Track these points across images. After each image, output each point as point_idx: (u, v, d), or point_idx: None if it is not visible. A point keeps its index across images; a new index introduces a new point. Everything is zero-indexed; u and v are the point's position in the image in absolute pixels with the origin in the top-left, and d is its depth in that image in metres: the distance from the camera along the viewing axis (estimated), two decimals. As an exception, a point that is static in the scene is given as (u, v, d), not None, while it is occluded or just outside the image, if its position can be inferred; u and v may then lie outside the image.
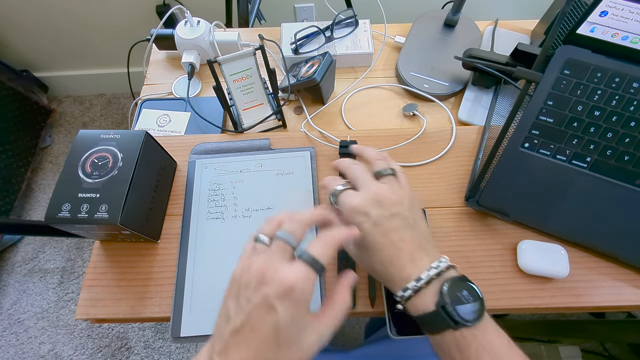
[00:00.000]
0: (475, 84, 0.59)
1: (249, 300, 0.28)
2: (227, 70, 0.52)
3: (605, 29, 0.44)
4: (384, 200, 0.34)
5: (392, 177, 0.37)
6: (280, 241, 0.31)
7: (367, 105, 0.61)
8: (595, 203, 0.44)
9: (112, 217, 0.39)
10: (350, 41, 0.64)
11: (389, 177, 0.37)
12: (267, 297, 0.27)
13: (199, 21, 0.64)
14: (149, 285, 0.45)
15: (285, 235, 0.31)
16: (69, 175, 0.41)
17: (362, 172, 0.37)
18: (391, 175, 0.37)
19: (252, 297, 0.28)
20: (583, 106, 0.44)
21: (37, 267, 1.26)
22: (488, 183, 0.47)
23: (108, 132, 0.43)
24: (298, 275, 0.28)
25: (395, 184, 0.36)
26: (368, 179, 0.37)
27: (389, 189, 0.35)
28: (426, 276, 0.32)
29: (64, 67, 1.47)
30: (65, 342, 1.14)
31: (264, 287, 0.27)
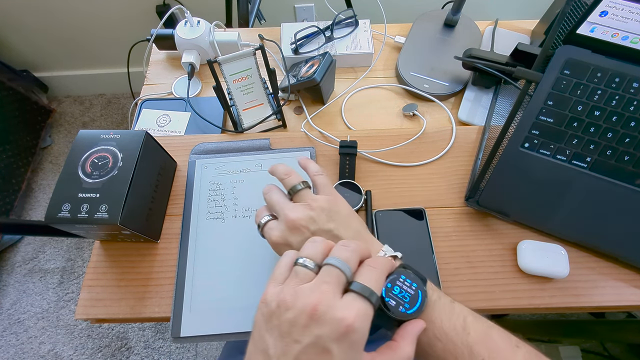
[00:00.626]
0: (475, 84, 0.59)
1: (298, 340, 0.24)
2: (227, 70, 0.52)
3: (605, 29, 0.44)
4: (300, 224, 0.33)
5: (305, 191, 0.36)
6: (334, 269, 0.27)
7: (367, 105, 0.61)
8: (595, 203, 0.44)
9: (112, 217, 0.39)
10: (350, 41, 0.64)
11: (302, 193, 0.36)
12: (321, 339, 0.24)
13: (199, 21, 0.64)
14: (149, 285, 0.45)
15: (341, 264, 0.27)
16: (69, 175, 0.41)
17: (276, 197, 0.36)
18: (304, 189, 0.36)
19: (302, 337, 0.24)
20: (583, 106, 0.44)
21: (37, 267, 1.26)
22: (488, 183, 0.47)
23: (108, 132, 0.43)
24: (357, 313, 0.25)
25: (309, 198, 0.35)
26: (282, 204, 0.35)
27: (303, 209, 0.34)
28: None
29: (64, 67, 1.47)
30: (65, 342, 1.14)
31: (318, 327, 0.24)
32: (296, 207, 0.35)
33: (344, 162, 0.51)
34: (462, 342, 0.29)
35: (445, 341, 0.29)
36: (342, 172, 0.50)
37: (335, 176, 0.51)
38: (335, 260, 0.27)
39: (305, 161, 0.39)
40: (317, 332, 0.24)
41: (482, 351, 0.28)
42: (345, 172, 0.50)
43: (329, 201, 0.35)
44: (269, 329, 0.26)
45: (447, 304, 0.31)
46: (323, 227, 0.33)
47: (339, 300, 0.26)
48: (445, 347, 0.29)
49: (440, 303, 0.31)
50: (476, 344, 0.28)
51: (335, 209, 0.35)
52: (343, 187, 0.49)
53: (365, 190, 0.49)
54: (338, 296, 0.26)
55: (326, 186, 0.37)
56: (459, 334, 0.29)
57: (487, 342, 0.28)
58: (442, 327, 0.29)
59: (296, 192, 0.36)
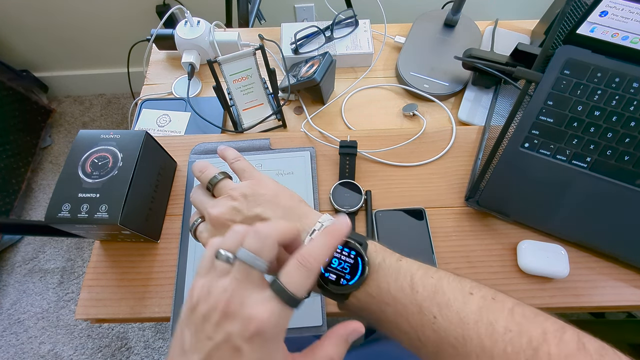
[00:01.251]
0: (475, 84, 0.59)
1: (210, 337, 0.23)
2: (227, 70, 0.52)
3: (605, 29, 0.44)
4: (225, 219, 0.31)
5: (224, 182, 0.34)
6: (241, 265, 0.25)
7: (367, 105, 0.61)
8: (595, 203, 0.44)
9: (112, 217, 0.39)
10: (350, 41, 0.64)
11: (220, 185, 0.34)
12: (231, 337, 0.23)
13: (199, 21, 0.64)
14: (149, 285, 0.45)
15: (250, 257, 0.25)
16: (69, 175, 0.41)
17: (198, 197, 0.35)
18: (221, 180, 0.34)
19: (213, 334, 0.23)
20: (583, 106, 0.44)
21: (37, 267, 1.26)
22: (488, 183, 0.47)
23: (108, 132, 0.43)
24: (271, 314, 0.23)
25: (228, 188, 0.33)
26: (204, 203, 0.33)
27: (224, 202, 0.32)
28: None
29: (64, 67, 1.47)
30: (65, 342, 1.14)
31: (228, 324, 0.23)
32: (217, 202, 0.33)
33: (344, 162, 0.51)
34: (411, 302, 0.27)
35: (394, 305, 0.27)
36: (342, 172, 0.50)
37: (335, 176, 0.51)
38: (243, 253, 0.25)
39: (222, 150, 0.37)
40: (228, 329, 0.23)
41: (432, 307, 0.26)
42: (345, 172, 0.50)
43: (250, 185, 0.33)
44: (188, 323, 0.25)
45: (392, 265, 0.29)
46: (249, 215, 0.31)
47: (254, 296, 0.24)
48: (395, 310, 0.27)
49: (385, 265, 0.29)
50: (425, 301, 0.27)
51: (259, 191, 0.32)
52: (343, 187, 0.49)
53: (365, 190, 0.49)
54: (253, 292, 0.24)
55: (246, 170, 0.35)
56: (407, 294, 0.27)
57: (436, 297, 0.27)
58: (390, 290, 0.28)
59: (215, 186, 0.34)
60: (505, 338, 0.24)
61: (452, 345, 0.25)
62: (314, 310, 0.42)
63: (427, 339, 0.26)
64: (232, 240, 0.26)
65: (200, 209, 0.34)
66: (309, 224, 0.31)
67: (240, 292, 0.24)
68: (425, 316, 0.26)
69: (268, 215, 0.31)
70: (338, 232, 0.28)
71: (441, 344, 0.26)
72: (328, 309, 0.43)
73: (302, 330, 0.41)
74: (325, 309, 0.42)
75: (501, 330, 0.24)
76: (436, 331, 0.26)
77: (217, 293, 0.24)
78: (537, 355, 0.23)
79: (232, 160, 0.36)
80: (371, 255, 0.29)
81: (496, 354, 0.24)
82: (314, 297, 0.43)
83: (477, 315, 0.25)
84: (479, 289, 0.27)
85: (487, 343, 0.24)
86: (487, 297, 0.26)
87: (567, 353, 0.23)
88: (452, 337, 0.25)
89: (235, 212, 0.31)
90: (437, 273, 0.28)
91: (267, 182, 0.34)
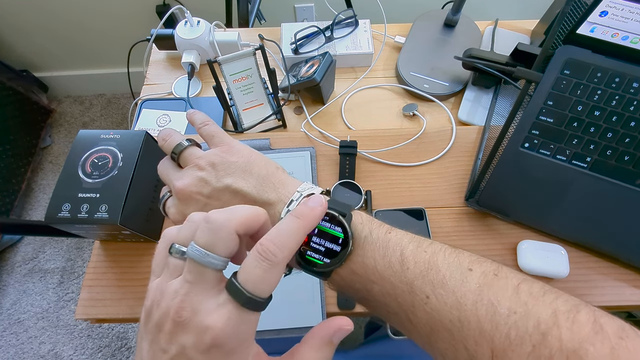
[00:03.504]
0: (475, 84, 0.59)
1: (164, 350, 0.20)
2: (227, 70, 0.52)
3: (605, 29, 0.44)
4: (191, 192, 0.28)
5: (189, 150, 0.30)
6: (193, 264, 0.21)
7: (367, 105, 0.61)
8: (596, 203, 0.44)
9: (112, 217, 0.39)
10: (350, 41, 0.63)
11: (186, 153, 0.30)
12: (185, 350, 0.20)
13: (199, 21, 0.64)
14: (149, 285, 0.45)
15: (199, 254, 0.21)
16: (69, 175, 0.41)
17: (164, 169, 0.31)
18: (187, 148, 0.30)
19: (168, 346, 0.20)
20: (583, 106, 0.44)
21: (37, 267, 1.25)
22: (488, 183, 0.47)
23: (108, 132, 0.43)
24: (227, 321, 0.20)
25: (194, 157, 0.30)
26: (170, 175, 0.30)
27: (190, 172, 0.29)
28: None
29: (64, 67, 1.47)
30: (65, 342, 1.14)
31: (182, 335, 0.20)
32: (183, 172, 0.29)
33: (344, 162, 0.51)
34: (401, 280, 0.24)
35: (381, 283, 0.24)
36: (342, 172, 0.50)
37: (335, 176, 0.51)
38: (192, 249, 0.21)
39: (191, 114, 0.33)
40: (183, 341, 0.20)
41: (424, 286, 0.23)
42: (345, 172, 0.50)
43: (219, 153, 0.29)
44: (144, 333, 0.22)
45: (380, 238, 0.26)
46: (218, 186, 0.28)
47: (208, 301, 0.21)
48: (382, 289, 0.24)
49: (372, 239, 0.26)
50: (416, 279, 0.23)
51: (229, 159, 0.29)
52: (343, 187, 0.49)
53: (365, 190, 0.49)
54: (206, 296, 0.21)
55: (215, 136, 0.31)
56: (396, 271, 0.24)
57: (429, 274, 0.23)
58: (376, 267, 0.24)
59: (180, 155, 0.30)
60: (509, 321, 0.21)
61: (447, 328, 0.22)
62: (314, 309, 0.42)
63: (419, 321, 0.23)
64: (186, 232, 0.22)
65: (166, 181, 0.31)
66: (286, 194, 0.27)
67: (192, 297, 0.21)
68: (416, 296, 0.23)
69: (239, 186, 0.28)
70: (310, 215, 0.24)
71: (434, 326, 0.23)
72: (329, 308, 0.43)
73: (302, 330, 0.41)
74: (325, 308, 0.42)
75: (504, 311, 0.21)
76: (429, 313, 0.23)
77: (169, 298, 0.21)
78: (545, 341, 0.20)
79: (200, 124, 0.32)
80: (356, 227, 0.26)
81: (497, 340, 0.21)
82: (314, 296, 0.43)
83: (477, 294, 0.22)
84: (479, 264, 0.24)
85: (487, 327, 0.21)
86: (488, 274, 0.23)
87: (582, 337, 0.20)
88: (447, 319, 0.22)
89: (203, 184, 0.28)
90: (432, 246, 0.25)
91: (239, 149, 0.30)
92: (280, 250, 0.21)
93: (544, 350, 0.20)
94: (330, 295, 0.44)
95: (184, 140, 0.31)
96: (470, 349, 0.21)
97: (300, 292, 0.43)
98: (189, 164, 0.30)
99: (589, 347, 0.19)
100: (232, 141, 0.31)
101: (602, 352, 0.19)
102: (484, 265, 0.24)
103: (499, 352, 0.21)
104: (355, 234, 0.26)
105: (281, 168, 0.30)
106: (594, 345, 0.19)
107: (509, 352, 0.20)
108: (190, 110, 0.33)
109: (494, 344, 0.21)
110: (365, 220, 0.27)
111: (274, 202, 0.27)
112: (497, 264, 0.24)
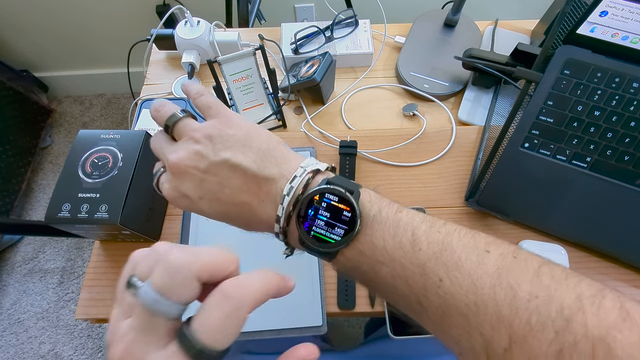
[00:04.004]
0: (475, 84, 0.59)
1: None
2: (227, 70, 0.52)
3: (605, 29, 0.44)
4: (186, 165, 0.26)
5: (184, 121, 0.28)
6: (140, 309, 0.19)
7: (367, 105, 0.61)
8: (596, 203, 0.44)
9: (112, 217, 0.39)
10: (350, 41, 0.63)
11: (180, 125, 0.28)
12: None
13: (199, 21, 0.64)
14: (149, 285, 0.45)
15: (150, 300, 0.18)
16: (69, 175, 0.41)
17: (157, 142, 0.29)
18: (181, 120, 0.28)
19: None
20: (583, 106, 0.44)
21: (37, 267, 1.26)
22: (488, 183, 0.47)
23: (108, 132, 0.44)
24: None
25: (190, 129, 0.28)
26: (163, 149, 0.29)
27: (185, 145, 0.27)
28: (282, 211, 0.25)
29: (64, 67, 1.47)
30: (65, 342, 1.14)
31: None
32: (177, 145, 0.28)
33: (344, 162, 0.51)
34: (412, 261, 0.22)
35: (391, 265, 0.23)
36: (342, 172, 0.50)
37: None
38: (143, 292, 0.19)
39: (186, 86, 0.31)
40: None
41: (438, 268, 0.22)
42: (346, 172, 0.50)
43: (217, 125, 0.27)
44: None
45: (389, 217, 0.24)
46: (215, 160, 0.26)
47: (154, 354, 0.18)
48: (392, 271, 0.23)
49: (381, 218, 0.24)
50: (429, 261, 0.22)
51: (227, 132, 0.27)
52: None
53: (365, 190, 0.49)
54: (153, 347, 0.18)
55: (212, 107, 0.29)
56: (407, 252, 0.23)
57: (443, 256, 0.22)
58: (386, 248, 0.23)
59: (174, 126, 0.28)
60: (530, 306, 0.19)
61: (462, 313, 0.21)
62: (313, 309, 0.42)
63: (430, 304, 0.22)
64: (144, 267, 0.20)
65: (159, 155, 0.29)
66: (289, 170, 0.26)
67: (137, 347, 0.18)
68: (429, 279, 0.22)
69: (238, 160, 0.26)
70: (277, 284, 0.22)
71: (447, 311, 0.21)
72: (329, 308, 0.43)
73: (302, 330, 0.41)
74: (325, 309, 0.42)
75: (524, 296, 0.20)
76: (442, 296, 0.22)
77: (117, 341, 0.19)
78: (570, 327, 0.18)
79: (195, 94, 0.30)
80: (364, 205, 0.25)
81: (517, 325, 0.19)
82: (314, 295, 0.43)
83: (495, 277, 0.21)
84: (496, 245, 0.23)
85: (505, 311, 0.20)
86: (506, 256, 0.22)
87: (609, 324, 0.18)
88: (462, 303, 0.21)
89: (199, 158, 0.26)
90: (445, 227, 0.24)
91: (238, 121, 0.28)
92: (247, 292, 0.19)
93: (568, 336, 0.18)
94: (330, 295, 0.44)
95: (179, 111, 0.29)
96: (487, 334, 0.20)
97: (300, 291, 0.43)
98: (184, 136, 0.28)
99: (617, 334, 0.18)
100: (230, 113, 0.29)
101: (631, 339, 0.18)
102: (502, 247, 0.23)
103: (518, 338, 0.19)
104: (363, 212, 0.24)
105: (283, 142, 0.28)
106: (621, 332, 0.18)
107: (529, 338, 0.19)
108: (186, 81, 0.31)
109: (512, 329, 0.20)
110: (374, 198, 0.25)
111: (276, 177, 0.26)
112: (515, 246, 0.23)
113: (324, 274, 0.44)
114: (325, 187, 0.24)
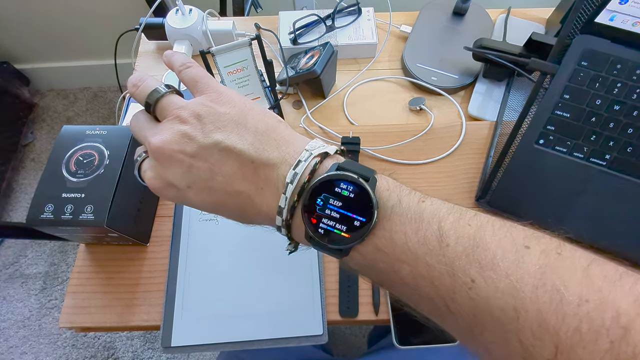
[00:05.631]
0: (486, 76, 0.59)
1: None
2: (221, 62, 0.51)
3: (625, 17, 0.44)
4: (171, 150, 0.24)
5: (168, 98, 0.27)
6: None
7: (370, 99, 0.60)
8: (615, 204, 0.44)
9: (98, 218, 0.39)
10: (352, 31, 0.63)
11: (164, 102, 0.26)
12: None
13: (191, 9, 0.63)
14: (138, 291, 0.45)
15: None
16: (52, 174, 0.41)
17: (136, 124, 0.28)
18: (164, 96, 0.27)
19: None
20: (602, 100, 0.44)
21: (18, 272, 1.26)
22: (500, 182, 0.46)
23: (94, 128, 0.43)
24: None
25: (175, 107, 0.26)
26: (144, 130, 0.27)
27: (170, 125, 0.25)
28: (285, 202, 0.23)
29: (46, 58, 1.47)
30: (48, 352, 1.14)
31: None
32: (160, 126, 0.26)
33: (346, 160, 0.51)
34: (439, 260, 0.21)
35: (414, 263, 0.21)
36: (344, 171, 0.50)
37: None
38: None
39: (169, 56, 0.29)
40: None
41: (469, 267, 0.20)
42: (348, 171, 0.50)
43: (206, 102, 0.25)
44: None
45: (411, 207, 0.23)
46: (206, 143, 0.24)
47: None
48: (414, 271, 0.21)
49: (401, 209, 0.22)
50: (459, 258, 0.20)
51: (219, 110, 0.25)
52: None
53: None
54: None
55: (199, 81, 0.27)
56: (433, 248, 0.21)
57: (475, 253, 0.20)
58: (407, 244, 0.21)
59: (156, 104, 0.26)
60: (580, 311, 0.18)
61: (497, 318, 0.19)
62: (313, 317, 0.42)
63: (459, 308, 0.21)
64: None
65: (140, 139, 0.27)
66: (292, 154, 0.24)
67: None
68: (459, 279, 0.20)
69: (232, 143, 0.24)
70: None
71: (480, 315, 0.20)
72: (329, 316, 0.43)
73: (301, 340, 0.41)
74: (325, 316, 0.42)
75: (573, 300, 0.18)
76: (474, 299, 0.20)
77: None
78: (628, 337, 0.17)
79: (180, 66, 0.28)
80: (382, 195, 0.23)
81: (564, 334, 0.18)
82: (314, 302, 0.43)
83: (537, 278, 0.19)
84: (537, 240, 0.21)
85: (550, 318, 0.18)
86: (549, 252, 0.20)
87: None
88: (498, 307, 0.19)
89: (186, 140, 0.24)
90: (476, 219, 0.22)
91: (231, 96, 0.26)
92: None
93: (625, 347, 0.17)
94: (331, 302, 0.44)
95: (161, 86, 0.27)
96: (527, 342, 0.19)
97: (299, 298, 0.43)
98: (168, 115, 0.26)
99: None
100: (222, 87, 0.27)
101: None
102: (543, 241, 0.21)
103: (565, 349, 0.18)
104: (380, 202, 0.22)
105: (284, 122, 0.26)
106: None
107: (579, 349, 0.18)
108: (169, 51, 0.30)
109: (559, 338, 0.18)
110: (392, 186, 0.24)
111: (277, 162, 0.24)
112: (558, 241, 0.21)
113: (324, 279, 0.44)
114: (336, 174, 0.23)
